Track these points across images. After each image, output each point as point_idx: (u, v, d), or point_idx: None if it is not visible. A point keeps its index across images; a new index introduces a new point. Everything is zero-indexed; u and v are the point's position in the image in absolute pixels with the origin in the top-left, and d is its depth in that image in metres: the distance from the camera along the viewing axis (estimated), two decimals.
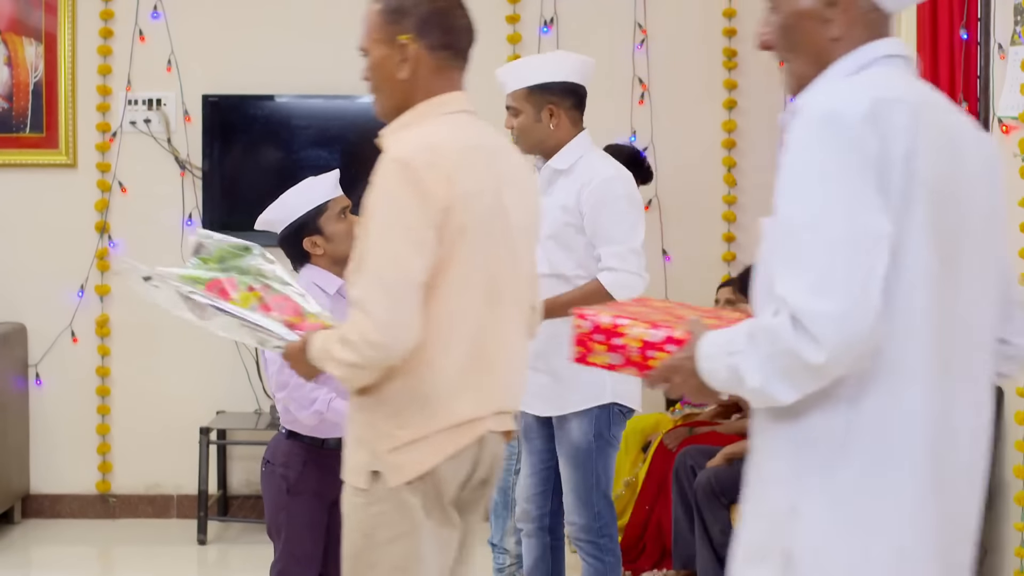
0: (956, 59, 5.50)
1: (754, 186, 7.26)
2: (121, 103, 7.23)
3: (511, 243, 3.26)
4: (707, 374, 2.35)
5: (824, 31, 2.46)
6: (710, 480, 5.35)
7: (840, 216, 2.22)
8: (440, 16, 3.33)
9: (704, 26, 7.26)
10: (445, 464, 3.17)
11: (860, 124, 2.24)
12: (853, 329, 2.18)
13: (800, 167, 2.28)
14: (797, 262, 2.23)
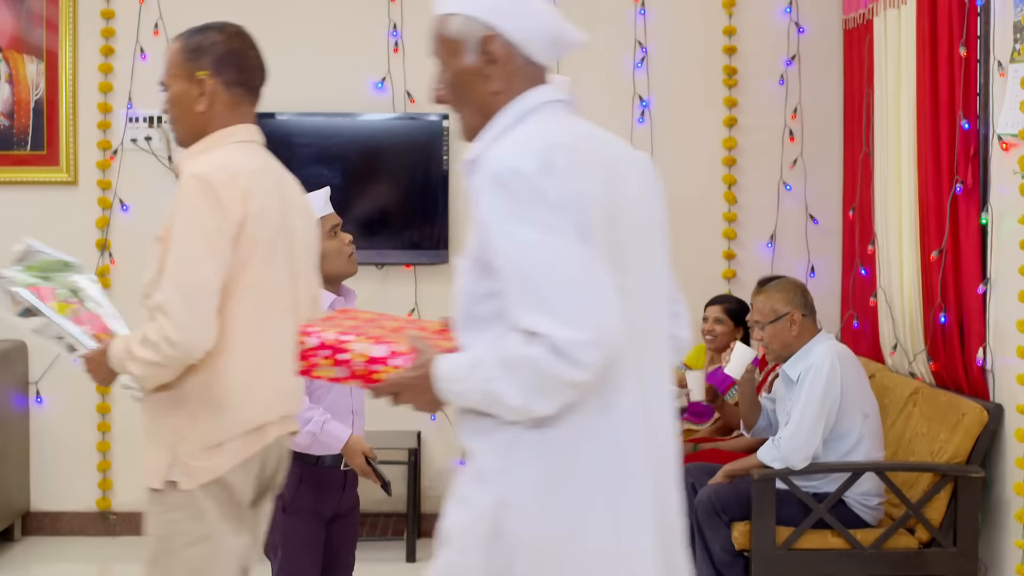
0: (956, 76, 5.52)
1: (754, 204, 7.27)
2: (122, 120, 7.24)
3: (294, 259, 3.53)
4: (453, 394, 2.60)
5: (486, 86, 2.73)
6: (711, 497, 5.35)
7: (562, 254, 2.48)
8: (235, 56, 3.64)
9: (704, 44, 7.27)
10: (236, 469, 3.41)
11: (537, 174, 2.50)
12: (607, 348, 2.47)
13: (508, 221, 2.51)
14: (542, 300, 2.47)
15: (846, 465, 5.22)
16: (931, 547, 5.25)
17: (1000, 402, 5.26)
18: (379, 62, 7.22)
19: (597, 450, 2.58)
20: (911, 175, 5.94)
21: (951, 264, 5.59)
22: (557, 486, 2.57)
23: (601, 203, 2.59)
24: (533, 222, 2.50)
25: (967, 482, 5.20)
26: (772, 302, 5.38)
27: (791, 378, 5.33)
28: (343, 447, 4.25)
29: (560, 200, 2.51)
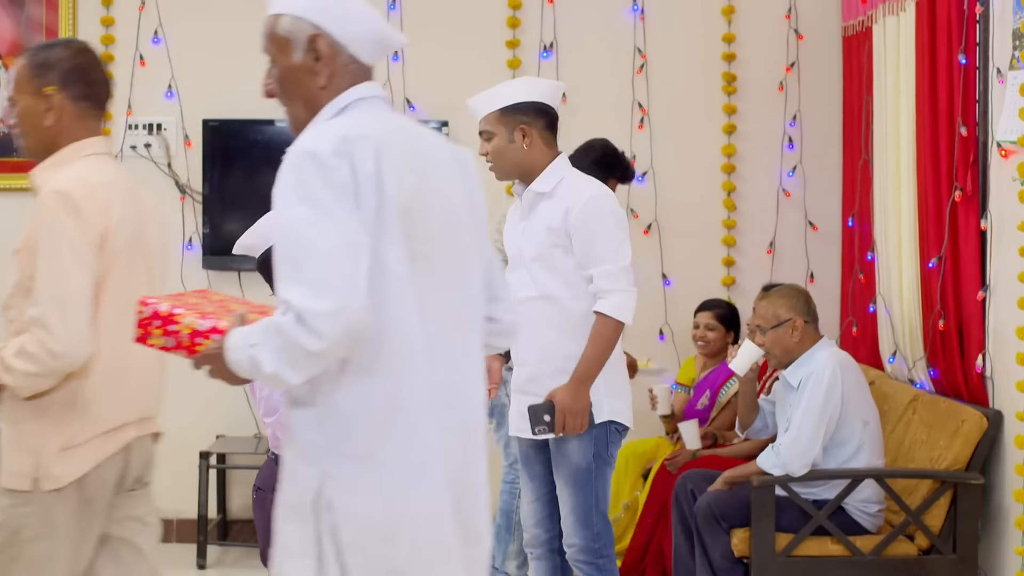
0: (955, 84, 5.52)
1: (754, 211, 7.28)
2: (121, 128, 7.24)
3: (149, 267, 3.66)
4: (233, 364, 2.76)
5: (313, 81, 2.93)
6: (710, 504, 5.34)
7: (328, 233, 2.68)
8: (81, 71, 3.66)
9: (703, 51, 7.28)
10: (95, 471, 3.53)
11: (331, 157, 2.71)
12: (346, 321, 2.65)
13: (289, 198, 2.74)
14: (297, 272, 2.68)
15: (846, 472, 5.22)
16: (931, 554, 5.24)
17: (1000, 409, 5.26)
18: (378, 69, 7.07)
19: (408, 416, 2.80)
20: (910, 182, 5.94)
21: (950, 271, 5.59)
22: (370, 456, 2.79)
23: (401, 193, 2.79)
24: (309, 200, 2.70)
25: (967, 489, 5.20)
26: (775, 307, 5.38)
27: (791, 384, 5.33)
28: None
29: (344, 184, 2.71)
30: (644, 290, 7.06)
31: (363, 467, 2.78)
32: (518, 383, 4.70)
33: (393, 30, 3.05)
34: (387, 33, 3.03)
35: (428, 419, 2.83)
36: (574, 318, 4.55)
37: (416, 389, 2.82)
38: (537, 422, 4.47)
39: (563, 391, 4.47)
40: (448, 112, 6.90)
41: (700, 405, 6.50)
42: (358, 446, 2.78)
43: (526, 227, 4.64)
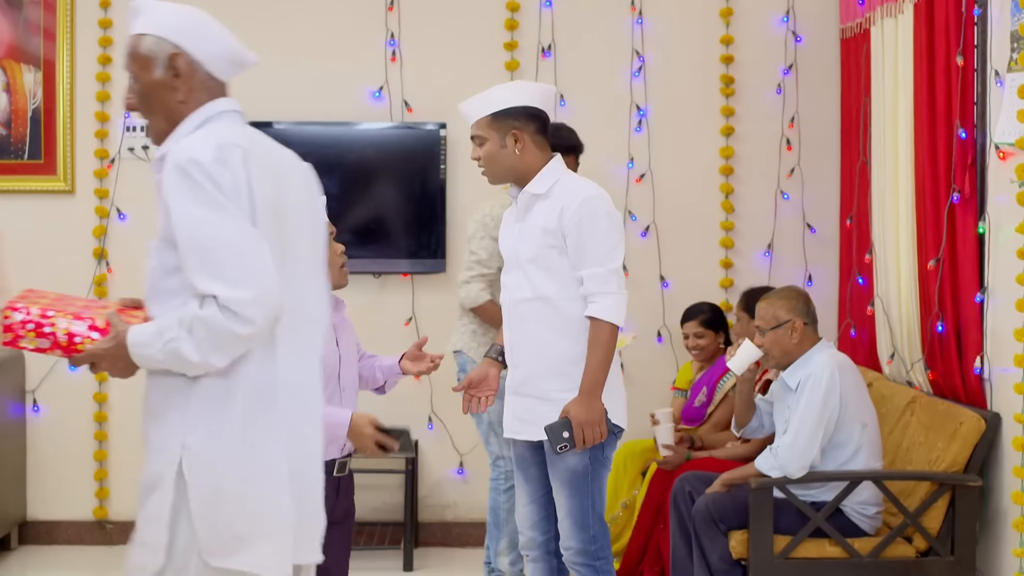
0: (953, 85, 5.52)
1: (752, 213, 7.28)
2: (119, 130, 7.24)
3: None
4: (143, 358, 3.06)
5: (173, 96, 3.20)
6: (708, 506, 5.33)
7: (233, 230, 2.99)
8: None
9: (701, 53, 7.28)
10: None
11: (214, 164, 2.99)
12: (268, 305, 2.99)
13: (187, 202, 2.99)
14: (214, 267, 2.97)
15: (844, 474, 5.22)
16: (929, 556, 5.24)
17: (998, 411, 5.25)
18: (376, 71, 7.22)
19: (258, 398, 3.10)
20: (908, 184, 5.94)
21: (948, 273, 5.59)
22: (223, 430, 3.07)
23: (267, 197, 3.09)
24: (208, 203, 2.98)
25: (965, 491, 5.19)
26: (774, 309, 5.38)
27: (790, 386, 5.32)
28: (349, 431, 4.21)
29: (231, 187, 3.00)
30: (642, 292, 7.10)
31: (219, 443, 3.07)
32: (513, 384, 4.70)
33: (246, 50, 3.32)
34: (241, 52, 3.31)
35: (282, 403, 3.14)
36: (570, 319, 4.54)
37: (275, 376, 3.13)
38: (557, 440, 4.47)
39: (575, 405, 4.47)
40: (446, 114, 6.90)
41: (697, 403, 6.50)
42: (218, 423, 3.07)
43: (522, 228, 4.64)
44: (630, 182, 7.20)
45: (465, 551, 7.12)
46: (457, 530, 7.24)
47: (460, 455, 7.23)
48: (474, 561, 6.68)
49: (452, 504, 7.31)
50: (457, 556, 7.01)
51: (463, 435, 7.19)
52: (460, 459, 7.23)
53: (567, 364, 4.54)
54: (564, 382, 4.55)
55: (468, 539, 7.20)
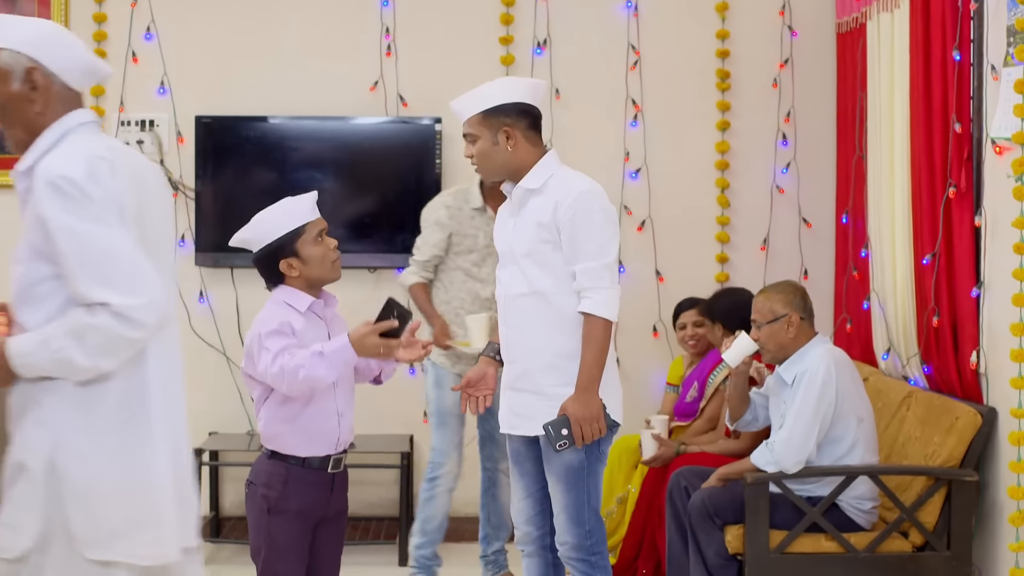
0: (949, 80, 5.52)
1: (747, 207, 7.28)
2: (114, 124, 7.23)
3: None
4: (26, 367, 3.17)
5: (31, 108, 3.28)
6: (704, 501, 5.33)
7: (116, 240, 3.14)
8: None
9: (697, 48, 7.27)
10: None
11: (86, 179, 3.12)
12: (157, 310, 3.16)
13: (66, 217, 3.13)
14: (102, 276, 3.11)
15: (840, 469, 5.21)
16: (925, 551, 5.24)
17: (993, 405, 5.25)
18: (372, 66, 7.21)
19: (131, 396, 3.24)
20: (904, 179, 5.94)
21: (944, 268, 5.59)
22: (104, 429, 3.20)
23: (132, 204, 3.22)
24: (86, 217, 3.11)
25: (961, 486, 5.19)
26: (771, 303, 5.38)
27: (786, 381, 5.32)
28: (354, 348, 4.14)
29: (103, 199, 3.13)
30: (637, 287, 7.10)
31: (95, 439, 3.20)
32: (508, 379, 4.69)
33: (100, 61, 3.45)
34: (96, 64, 3.44)
35: (154, 400, 3.28)
36: (565, 314, 4.53)
37: (146, 375, 3.27)
38: (556, 438, 4.46)
39: (573, 402, 4.46)
40: (441, 109, 6.88)
41: (689, 398, 6.48)
42: (94, 420, 3.20)
43: (516, 223, 4.63)
44: (625, 177, 7.19)
45: (460, 545, 7.10)
46: (453, 524, 7.20)
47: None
48: (470, 556, 6.67)
49: None
50: (453, 550, 6.99)
51: None
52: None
53: (563, 359, 4.53)
54: (560, 377, 4.53)
55: (463, 533, 7.19)
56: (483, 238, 5.94)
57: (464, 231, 5.99)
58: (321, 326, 4.31)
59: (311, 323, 4.27)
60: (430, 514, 6.16)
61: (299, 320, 4.22)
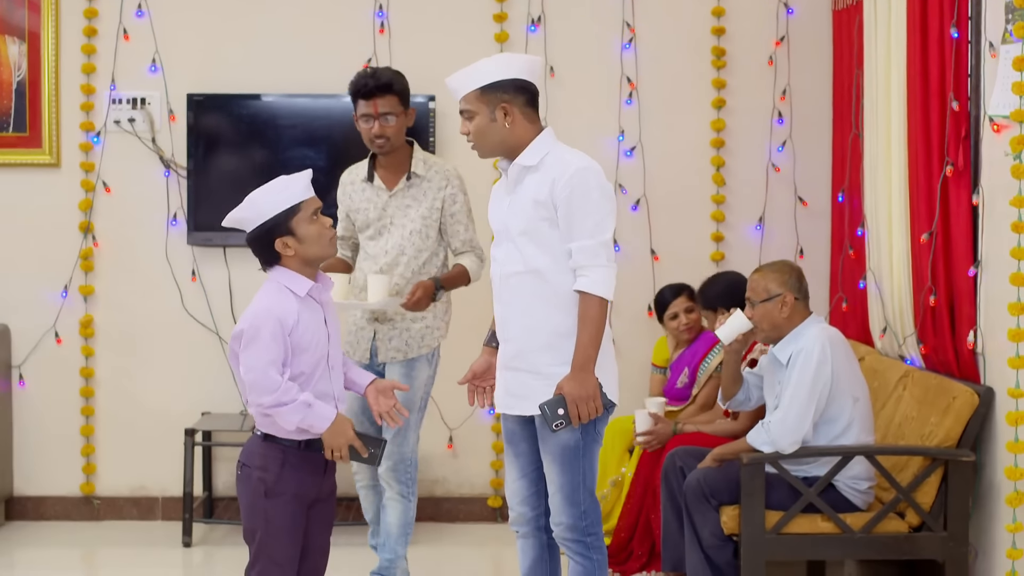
0: (947, 58, 5.47)
1: (743, 186, 7.25)
2: (105, 102, 7.18)
3: None
4: None
5: None
6: (700, 482, 5.31)
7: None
8: None
9: (693, 25, 7.23)
10: None
11: None
12: None
13: None
14: None
15: (836, 449, 5.19)
16: (921, 531, 5.21)
17: (991, 385, 5.22)
18: (365, 43, 7.16)
19: None
20: (901, 157, 5.90)
21: (941, 246, 5.56)
22: None
23: None
24: None
25: (957, 466, 5.17)
26: (766, 281, 5.35)
27: (780, 361, 5.29)
28: (330, 426, 4.20)
29: None
30: (632, 266, 7.07)
31: None
32: (504, 359, 4.65)
33: None
34: None
35: None
36: (561, 292, 4.49)
37: None
38: (553, 418, 4.42)
39: (568, 381, 4.43)
40: (434, 86, 6.83)
41: (680, 383, 6.46)
42: None
43: (512, 201, 4.59)
44: (620, 155, 7.15)
45: (455, 526, 7.10)
46: (447, 505, 7.22)
47: (450, 430, 7.20)
48: (464, 536, 6.67)
49: (441, 479, 7.28)
50: (446, 531, 6.99)
51: (452, 410, 7.15)
52: (450, 434, 7.20)
53: (559, 338, 4.49)
54: (556, 356, 4.50)
55: (458, 514, 7.18)
56: (373, 211, 5.78)
57: (356, 206, 5.84)
58: (318, 310, 4.29)
59: (308, 308, 4.25)
60: (364, 507, 6.04)
61: (296, 307, 4.19)
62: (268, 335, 4.12)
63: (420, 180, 5.74)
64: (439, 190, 5.74)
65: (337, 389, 4.34)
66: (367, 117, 5.69)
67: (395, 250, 5.69)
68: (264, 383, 4.10)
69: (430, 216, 5.72)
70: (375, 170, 5.81)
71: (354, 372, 4.51)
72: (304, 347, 4.19)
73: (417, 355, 5.73)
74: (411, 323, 5.70)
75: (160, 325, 7.22)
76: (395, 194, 5.72)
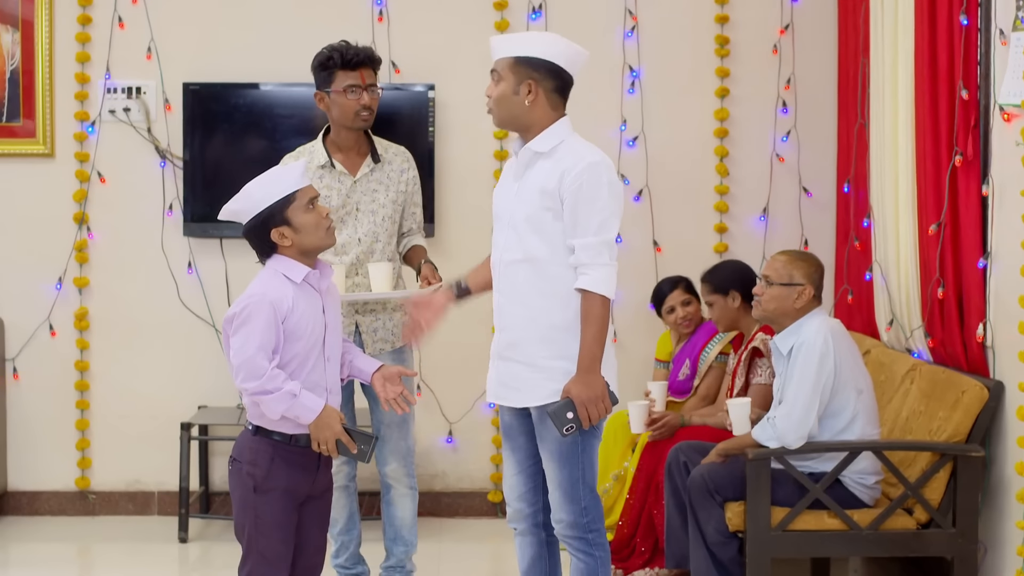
0: (956, 45, 5.40)
1: (747, 176, 7.18)
2: (100, 91, 7.11)
3: None
4: None
5: None
6: (704, 477, 5.24)
7: None
8: None
9: (696, 13, 7.15)
10: None
11: None
12: None
13: None
14: None
15: (843, 444, 5.11)
16: (930, 528, 5.15)
17: (1001, 379, 5.16)
18: (363, 31, 7.07)
19: None
20: (909, 146, 5.83)
21: (950, 238, 5.48)
22: None
23: None
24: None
25: (967, 461, 5.09)
26: (793, 268, 5.25)
27: (781, 351, 5.22)
28: (316, 418, 4.14)
29: None
30: (635, 257, 7.00)
31: None
32: (498, 348, 4.58)
33: None
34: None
35: None
36: (558, 284, 4.42)
37: None
38: (562, 423, 4.35)
39: (575, 384, 4.36)
40: (434, 75, 6.78)
41: (681, 375, 6.40)
42: None
43: (520, 187, 4.51)
44: (622, 145, 7.07)
45: (455, 521, 7.05)
46: (447, 500, 7.15)
47: (450, 424, 7.13)
48: (464, 531, 6.62)
49: (441, 474, 7.21)
50: (447, 526, 6.93)
51: (453, 404, 7.09)
52: (449, 428, 7.14)
53: (558, 331, 4.42)
54: (553, 349, 4.43)
55: (458, 509, 7.12)
56: (336, 199, 5.49)
57: None
58: (315, 298, 4.24)
59: (305, 295, 4.20)
60: (332, 517, 5.36)
61: (292, 293, 4.15)
62: (260, 320, 4.08)
63: (383, 163, 5.57)
64: (402, 172, 5.57)
65: (331, 380, 4.29)
66: (354, 88, 5.42)
67: (368, 237, 5.48)
68: (250, 368, 4.07)
69: (397, 200, 5.54)
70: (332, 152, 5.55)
71: (360, 360, 4.47)
72: (298, 335, 4.15)
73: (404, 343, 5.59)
74: (392, 312, 5.55)
75: (156, 318, 7.16)
76: (359, 179, 5.51)
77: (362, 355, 4.50)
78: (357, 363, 4.46)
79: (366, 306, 5.51)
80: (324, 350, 4.26)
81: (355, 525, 5.67)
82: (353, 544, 5.67)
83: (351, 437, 4.20)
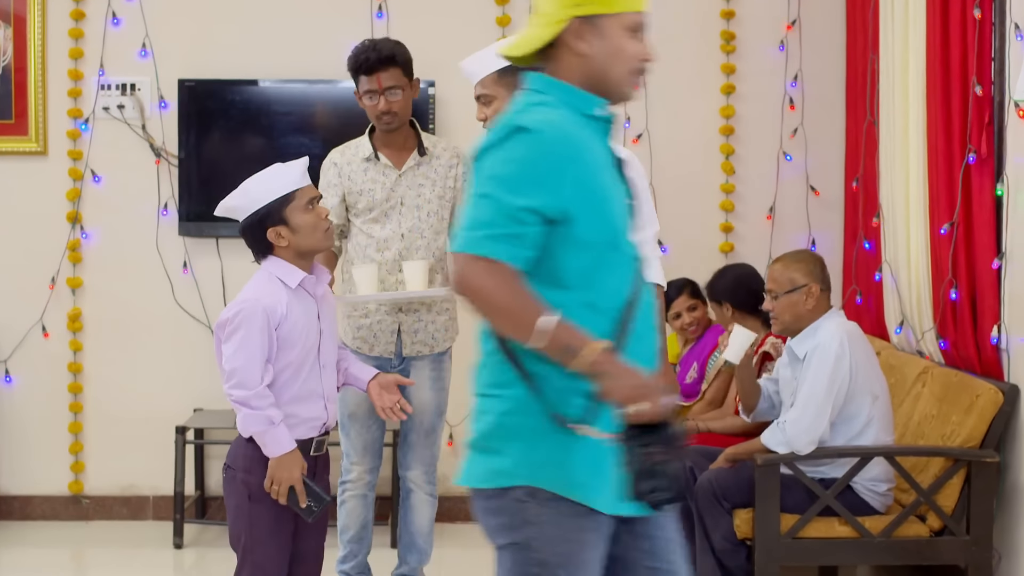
0: (969, 40, 5.32)
1: (753, 175, 7.12)
2: (93, 88, 7.04)
3: None
4: None
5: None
6: (711, 483, 5.14)
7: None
8: None
9: (701, 8, 7.09)
10: None
11: None
12: None
13: None
14: None
15: (854, 450, 5.01)
16: (943, 535, 5.06)
17: (1015, 383, 5.06)
18: (362, 27, 7.00)
19: None
20: (920, 144, 5.73)
21: (963, 238, 5.38)
22: None
23: None
24: None
25: (981, 467, 5.00)
26: (790, 272, 5.17)
27: (797, 356, 5.11)
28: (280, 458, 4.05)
29: None
30: None
31: None
32: None
33: None
34: None
35: None
36: None
37: None
38: None
39: None
40: (434, 71, 6.68)
41: (689, 379, 6.33)
42: None
43: None
44: (627, 143, 6.99)
45: (454, 526, 6.98)
46: (446, 504, 7.04)
47: (450, 427, 7.03)
48: (463, 537, 6.56)
49: (440, 478, 7.10)
50: (446, 531, 6.85)
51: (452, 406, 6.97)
52: (450, 432, 7.04)
53: None
54: None
55: (457, 514, 7.04)
56: (380, 192, 5.37)
57: (358, 187, 5.41)
58: (311, 304, 4.17)
59: (300, 301, 4.13)
60: (344, 523, 5.49)
61: (286, 299, 4.08)
62: (252, 326, 4.02)
63: (430, 157, 5.44)
64: (450, 168, 5.44)
65: (327, 388, 4.22)
66: (371, 93, 5.34)
67: (413, 233, 5.34)
68: (242, 377, 4.01)
69: (445, 196, 5.40)
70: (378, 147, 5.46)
71: (355, 367, 4.40)
72: (292, 342, 4.08)
73: (443, 348, 5.48)
74: (436, 315, 5.42)
75: (150, 318, 7.09)
76: (404, 173, 5.40)
77: (358, 362, 4.42)
78: (353, 371, 4.38)
79: (409, 305, 5.39)
80: (319, 357, 4.18)
81: (368, 534, 5.56)
82: (362, 553, 5.56)
83: (307, 490, 4.09)
